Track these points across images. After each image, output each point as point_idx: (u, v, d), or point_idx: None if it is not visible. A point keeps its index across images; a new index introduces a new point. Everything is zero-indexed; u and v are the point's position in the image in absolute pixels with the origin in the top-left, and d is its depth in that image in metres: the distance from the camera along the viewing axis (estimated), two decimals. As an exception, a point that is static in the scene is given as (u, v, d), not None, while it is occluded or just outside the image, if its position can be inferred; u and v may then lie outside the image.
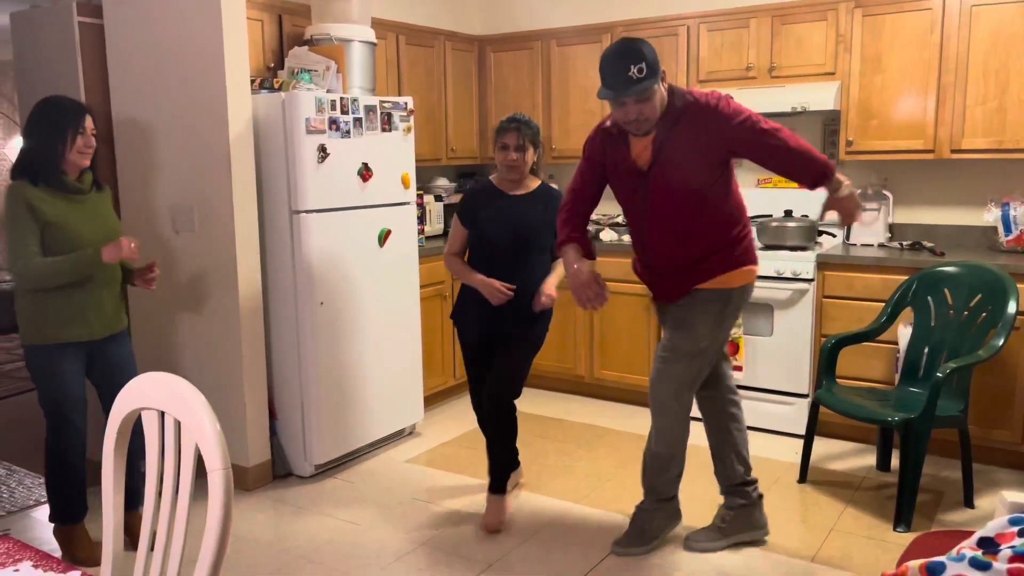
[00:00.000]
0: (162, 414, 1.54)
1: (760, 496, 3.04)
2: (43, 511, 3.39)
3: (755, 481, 3.02)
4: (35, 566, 1.39)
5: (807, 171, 2.63)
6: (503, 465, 3.22)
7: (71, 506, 2.98)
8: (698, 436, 3.07)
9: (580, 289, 2.73)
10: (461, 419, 4.47)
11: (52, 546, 3.05)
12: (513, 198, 3.19)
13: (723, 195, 2.72)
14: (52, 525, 3.06)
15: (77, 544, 2.98)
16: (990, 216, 3.96)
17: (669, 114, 2.63)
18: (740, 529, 2.99)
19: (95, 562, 2.91)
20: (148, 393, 1.55)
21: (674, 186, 2.66)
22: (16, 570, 1.38)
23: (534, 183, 3.23)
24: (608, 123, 2.83)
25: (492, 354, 3.22)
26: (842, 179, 2.62)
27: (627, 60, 2.50)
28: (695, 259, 2.73)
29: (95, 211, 2.88)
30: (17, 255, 2.72)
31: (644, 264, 2.90)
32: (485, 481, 3.47)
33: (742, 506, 2.99)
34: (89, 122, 2.83)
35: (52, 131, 2.76)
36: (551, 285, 3.11)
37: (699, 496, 3.31)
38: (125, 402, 1.59)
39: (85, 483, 2.99)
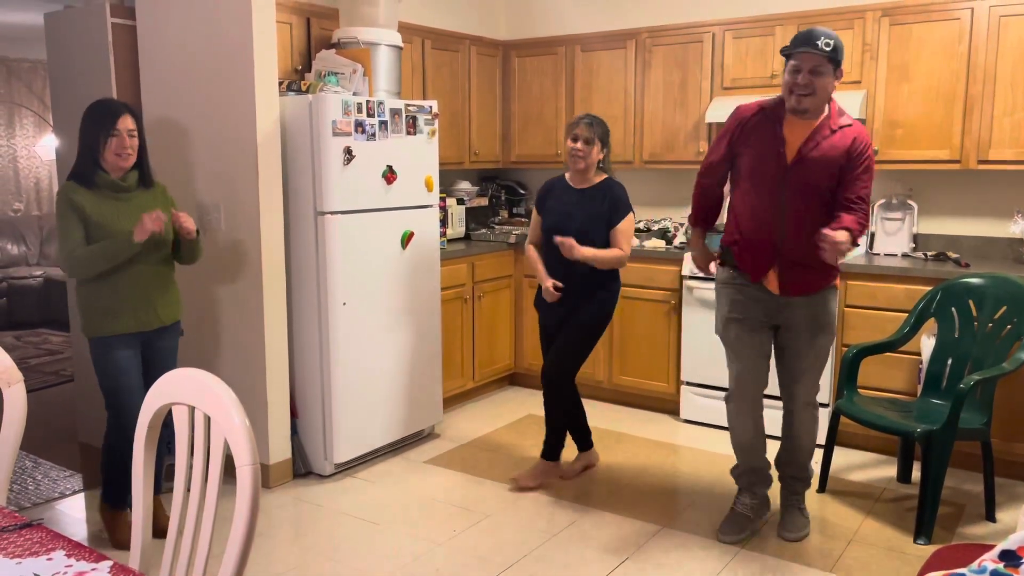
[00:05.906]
0: (192, 409, 1.57)
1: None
2: (69, 503, 3.45)
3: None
4: (68, 555, 1.43)
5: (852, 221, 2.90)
6: (552, 433, 3.63)
7: (121, 491, 3.09)
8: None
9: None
10: (480, 421, 4.49)
11: (81, 536, 3.10)
12: (576, 192, 3.48)
13: (831, 208, 2.93)
14: (94, 507, 3.17)
15: (120, 527, 3.09)
16: (1016, 228, 3.93)
17: (828, 125, 2.87)
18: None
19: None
20: (179, 388, 1.58)
21: (810, 185, 2.88)
22: (50, 559, 1.42)
23: (599, 178, 3.47)
24: (765, 105, 2.99)
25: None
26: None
27: (822, 33, 2.78)
28: (820, 258, 2.89)
29: (141, 210, 2.93)
30: (63, 247, 2.88)
31: (775, 254, 2.96)
32: (502, 483, 3.62)
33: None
34: (123, 122, 2.90)
35: (89, 135, 2.91)
36: (587, 249, 3.32)
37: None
38: (156, 397, 1.63)
39: None
